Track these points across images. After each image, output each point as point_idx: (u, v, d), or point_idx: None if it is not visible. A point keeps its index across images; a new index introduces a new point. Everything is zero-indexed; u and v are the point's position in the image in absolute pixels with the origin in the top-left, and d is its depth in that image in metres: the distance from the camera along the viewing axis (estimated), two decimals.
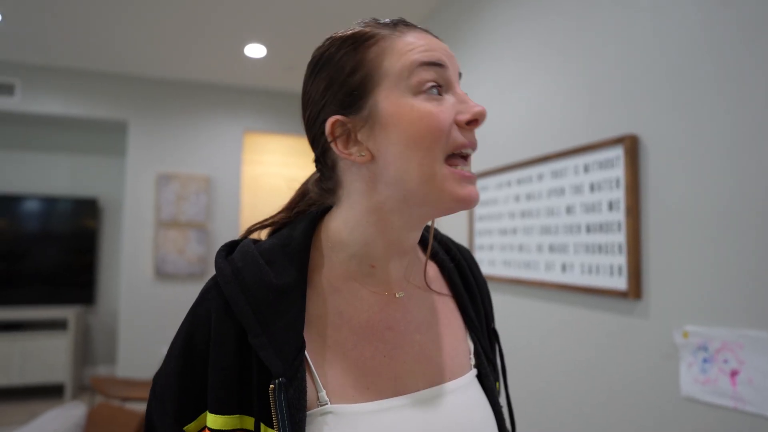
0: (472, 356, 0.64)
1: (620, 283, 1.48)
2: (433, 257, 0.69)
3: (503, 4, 2.18)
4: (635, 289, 1.43)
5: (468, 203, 0.54)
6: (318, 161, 0.62)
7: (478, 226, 2.28)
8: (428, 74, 0.53)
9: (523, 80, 2.01)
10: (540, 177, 1.86)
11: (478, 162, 2.29)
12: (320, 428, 0.51)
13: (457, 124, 0.54)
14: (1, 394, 4.40)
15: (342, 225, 0.59)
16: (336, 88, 0.55)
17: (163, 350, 4.04)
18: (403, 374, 0.57)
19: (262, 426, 0.50)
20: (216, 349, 0.51)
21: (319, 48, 0.58)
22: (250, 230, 0.63)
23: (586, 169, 1.64)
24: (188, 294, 4.24)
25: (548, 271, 1.80)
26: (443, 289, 0.67)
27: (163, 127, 4.28)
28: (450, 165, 0.53)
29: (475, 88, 2.37)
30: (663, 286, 1.37)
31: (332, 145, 0.56)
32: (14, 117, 4.27)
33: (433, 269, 0.68)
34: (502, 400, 0.69)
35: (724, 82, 1.23)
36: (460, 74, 0.58)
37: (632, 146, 1.47)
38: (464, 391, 0.60)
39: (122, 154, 4.94)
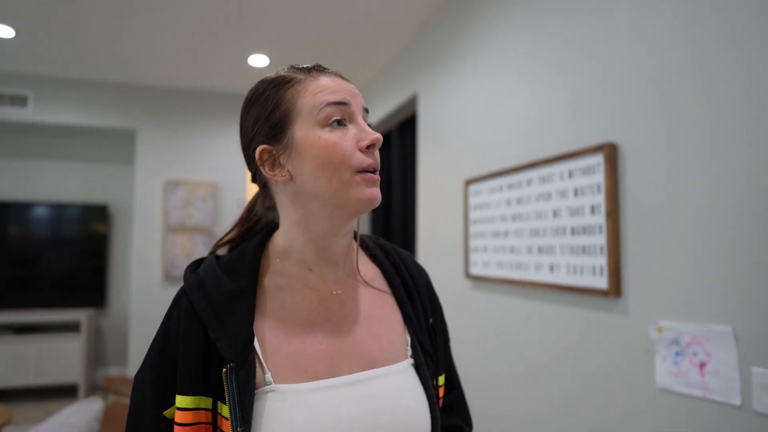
0: (408, 348, 0.75)
1: (602, 282, 1.58)
2: (375, 260, 0.81)
3: (495, 19, 2.28)
4: (615, 287, 1.53)
5: (371, 202, 0.67)
6: (254, 180, 0.76)
7: (473, 229, 2.38)
8: (333, 111, 0.66)
9: (514, 91, 2.11)
10: (529, 182, 1.96)
11: (473, 168, 2.39)
12: (265, 404, 0.62)
13: (359, 149, 0.67)
14: (17, 394, 4.54)
15: (283, 237, 0.73)
16: (263, 122, 0.69)
17: None
18: (338, 359, 0.68)
19: (219, 404, 0.63)
20: (183, 342, 0.64)
21: (252, 89, 0.72)
22: (215, 247, 0.78)
23: (571, 175, 1.74)
24: None
25: (537, 272, 1.90)
26: (384, 288, 0.79)
27: (170, 134, 4.41)
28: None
29: (471, 98, 2.47)
30: (640, 284, 1.47)
31: (260, 168, 0.69)
32: (27, 127, 4.41)
33: (374, 271, 0.80)
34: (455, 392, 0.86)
35: (696, 94, 1.33)
36: (366, 109, 0.71)
37: (611, 154, 1.56)
38: (396, 376, 0.71)
39: (131, 162, 5.08)
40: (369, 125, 0.69)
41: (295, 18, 3.02)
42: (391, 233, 4.01)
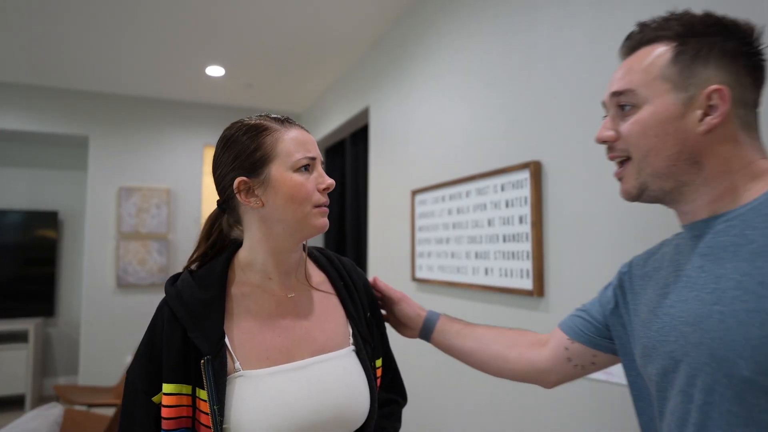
0: (350, 337, 0.94)
1: (528, 284, 1.78)
2: (321, 268, 1.00)
3: (440, 39, 2.48)
4: (539, 288, 1.74)
5: (323, 229, 0.89)
6: (222, 204, 0.93)
7: (419, 235, 2.56)
8: (303, 160, 0.85)
9: (456, 109, 2.31)
10: (468, 194, 2.16)
11: (419, 179, 2.58)
12: (234, 387, 0.79)
13: (318, 190, 0.87)
14: None
15: (247, 252, 0.91)
16: (242, 159, 0.86)
17: (127, 359, 4.16)
18: (292, 348, 0.86)
19: (197, 390, 0.80)
20: (167, 342, 0.80)
21: (229, 129, 0.89)
22: (188, 264, 0.93)
23: (503, 188, 1.94)
24: (150, 303, 4.37)
25: (474, 275, 2.09)
26: (329, 290, 0.98)
27: (124, 141, 4.41)
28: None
29: (418, 113, 2.66)
30: (560, 285, 1.68)
31: (237, 196, 0.86)
32: None
33: (321, 276, 0.99)
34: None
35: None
36: (323, 162, 0.91)
37: (536, 170, 1.78)
38: (339, 360, 0.89)
39: (83, 168, 5.02)
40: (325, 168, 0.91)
41: (251, 31, 3.14)
42: (345, 238, 4.16)
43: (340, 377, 0.86)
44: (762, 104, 0.72)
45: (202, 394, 0.78)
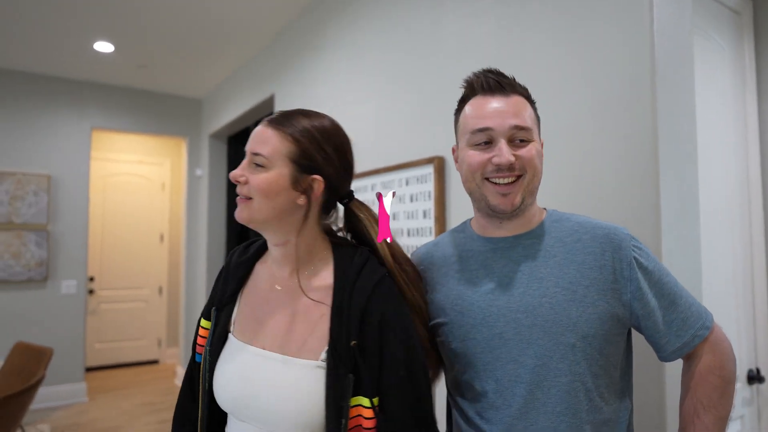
0: (323, 353, 0.85)
1: None
2: (336, 274, 0.90)
3: (346, 30, 2.45)
4: None
5: (238, 219, 0.98)
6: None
7: None
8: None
9: (363, 101, 2.30)
10: (373, 187, 2.16)
11: None
12: (224, 344, 0.96)
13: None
14: None
15: None
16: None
17: None
18: (260, 334, 0.92)
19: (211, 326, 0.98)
20: (214, 286, 1.03)
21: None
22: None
23: (407, 182, 1.96)
24: (27, 300, 3.95)
25: None
26: (324, 299, 0.88)
27: None
28: None
29: (325, 103, 2.62)
30: None
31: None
32: None
33: (325, 282, 0.90)
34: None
35: None
36: (257, 154, 0.93)
37: (440, 165, 1.81)
38: (291, 366, 0.86)
39: None
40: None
41: (145, 7, 2.90)
42: (247, 230, 4.02)
43: (277, 381, 0.86)
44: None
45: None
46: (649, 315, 0.88)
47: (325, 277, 0.91)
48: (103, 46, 3.47)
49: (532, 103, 0.96)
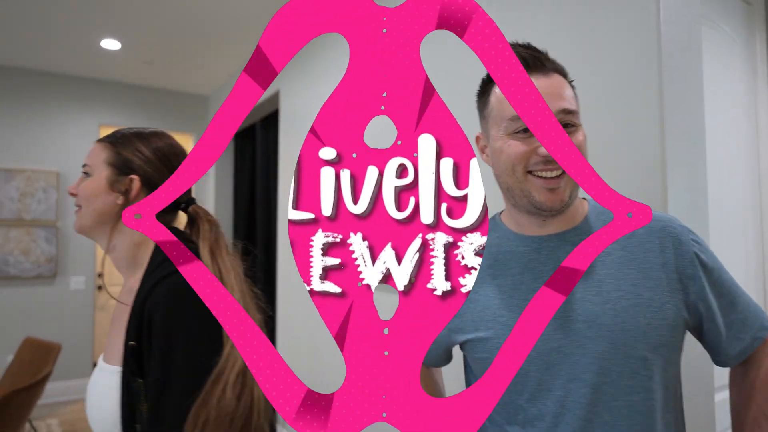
0: (121, 356, 0.83)
1: None
2: (145, 277, 0.87)
3: None
4: None
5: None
6: None
7: None
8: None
9: None
10: None
11: None
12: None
13: None
14: None
15: None
16: None
17: (7, 359, 3.77)
18: (105, 346, 0.93)
19: None
20: None
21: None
22: None
23: None
24: (36, 296, 3.98)
25: None
26: (129, 301, 0.86)
27: (6, 118, 3.95)
28: None
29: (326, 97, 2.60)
30: None
31: None
32: None
33: (136, 285, 0.88)
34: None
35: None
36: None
37: None
38: (101, 373, 0.88)
39: None
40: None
41: (150, 4, 2.90)
42: (255, 224, 4.02)
43: (92, 390, 0.88)
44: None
45: None
46: (712, 317, 0.78)
47: (139, 279, 0.89)
48: (110, 44, 3.48)
49: (570, 82, 0.82)
